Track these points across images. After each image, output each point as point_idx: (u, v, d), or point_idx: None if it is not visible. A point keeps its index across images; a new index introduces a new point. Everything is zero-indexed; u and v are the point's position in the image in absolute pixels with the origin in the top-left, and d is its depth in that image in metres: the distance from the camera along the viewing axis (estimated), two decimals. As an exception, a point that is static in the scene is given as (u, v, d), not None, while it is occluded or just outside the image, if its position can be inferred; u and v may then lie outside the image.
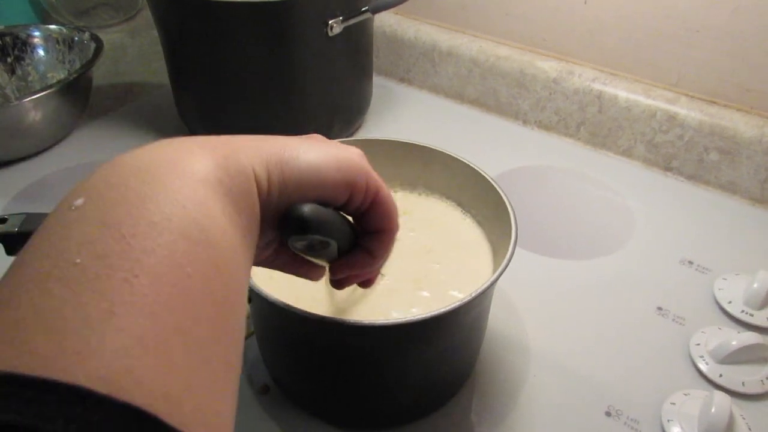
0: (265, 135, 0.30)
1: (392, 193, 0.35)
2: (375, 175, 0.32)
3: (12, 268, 0.21)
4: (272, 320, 0.47)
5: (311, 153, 0.29)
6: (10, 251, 0.46)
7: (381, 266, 0.38)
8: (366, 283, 0.41)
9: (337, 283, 0.38)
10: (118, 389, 0.17)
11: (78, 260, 0.19)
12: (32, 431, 0.15)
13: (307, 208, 0.29)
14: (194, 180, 0.23)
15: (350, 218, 0.35)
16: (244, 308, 0.25)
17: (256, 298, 0.42)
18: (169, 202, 0.22)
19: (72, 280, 0.19)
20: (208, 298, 0.22)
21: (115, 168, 0.23)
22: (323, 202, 0.30)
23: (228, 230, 0.24)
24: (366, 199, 0.32)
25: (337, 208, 0.33)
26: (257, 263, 0.34)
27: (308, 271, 0.38)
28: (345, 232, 0.33)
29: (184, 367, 0.19)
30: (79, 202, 0.22)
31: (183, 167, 0.24)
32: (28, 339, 0.18)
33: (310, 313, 0.39)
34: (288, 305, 0.39)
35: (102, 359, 0.17)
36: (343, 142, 0.53)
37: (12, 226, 0.46)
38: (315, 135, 0.35)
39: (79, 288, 0.19)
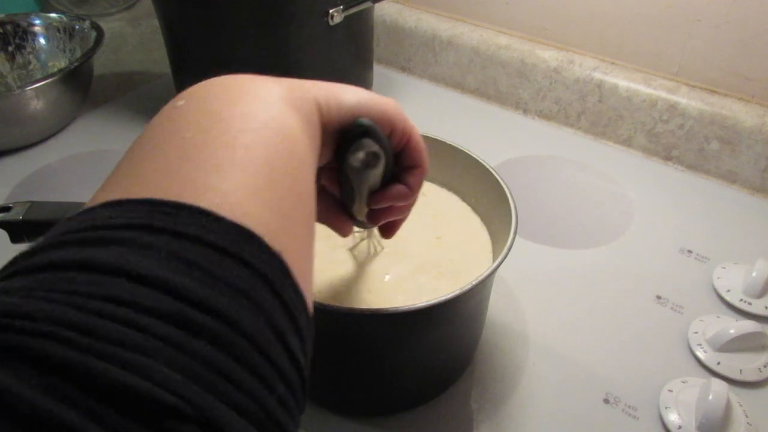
0: None
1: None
2: (409, 119, 0.37)
3: (128, 151, 0.25)
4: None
5: (357, 92, 0.34)
6: (14, 239, 0.47)
7: (414, 201, 0.42)
8: (390, 230, 0.45)
9: (374, 216, 0.42)
10: (230, 214, 0.22)
11: (188, 135, 0.24)
12: (171, 233, 0.20)
13: (367, 119, 0.33)
14: (271, 94, 0.28)
15: None
16: (312, 199, 0.28)
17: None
18: (254, 103, 0.27)
19: (184, 147, 0.24)
20: (287, 170, 0.26)
21: (206, 84, 0.28)
22: None
23: (298, 133, 0.28)
24: (402, 139, 0.37)
25: None
26: None
27: (342, 223, 0.42)
28: (390, 152, 0.37)
29: (277, 214, 0.24)
30: (181, 102, 0.26)
31: (259, 86, 0.28)
32: (155, 181, 0.23)
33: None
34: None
35: (216, 195, 0.22)
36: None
37: (16, 215, 0.46)
38: None
39: (191, 150, 0.24)
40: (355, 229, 0.45)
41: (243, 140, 0.25)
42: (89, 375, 0.16)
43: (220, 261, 0.20)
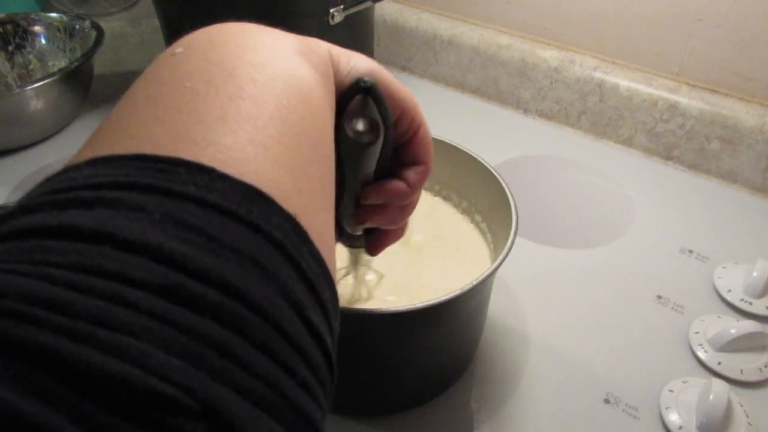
0: None
1: None
2: (421, 112, 0.35)
3: (118, 104, 0.23)
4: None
5: (370, 62, 0.32)
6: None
7: (411, 210, 0.38)
8: (377, 244, 0.40)
9: (362, 215, 0.37)
10: (235, 172, 0.19)
11: (188, 84, 0.22)
12: (165, 192, 0.18)
13: (371, 78, 0.31)
14: (282, 43, 0.26)
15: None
16: (331, 158, 0.26)
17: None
18: (263, 52, 0.24)
19: (184, 97, 0.21)
20: (302, 125, 0.23)
21: (208, 31, 0.25)
22: None
23: (314, 86, 0.26)
24: (410, 129, 0.34)
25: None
26: None
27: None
28: (392, 132, 0.33)
29: (292, 173, 0.21)
30: (180, 50, 0.24)
31: (268, 35, 0.26)
32: (148, 133, 0.20)
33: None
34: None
35: (219, 149, 0.20)
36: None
37: (15, 215, 0.46)
38: None
39: (191, 101, 0.21)
40: (339, 249, 0.39)
41: (251, 91, 0.22)
42: (64, 362, 0.13)
43: (224, 224, 0.18)
